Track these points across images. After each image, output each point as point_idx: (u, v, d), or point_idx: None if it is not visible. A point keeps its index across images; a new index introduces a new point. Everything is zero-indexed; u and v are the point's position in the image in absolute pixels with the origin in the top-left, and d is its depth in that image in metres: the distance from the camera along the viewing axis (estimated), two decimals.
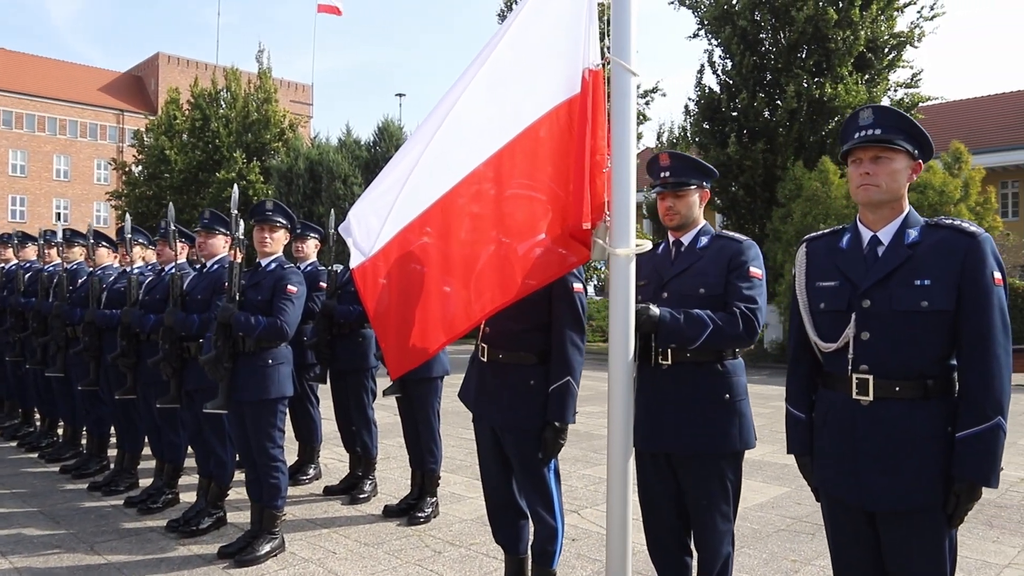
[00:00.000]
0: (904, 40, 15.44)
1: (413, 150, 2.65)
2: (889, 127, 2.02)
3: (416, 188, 2.61)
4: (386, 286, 2.69)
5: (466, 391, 3.09)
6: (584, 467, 5.95)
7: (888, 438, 1.97)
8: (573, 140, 2.42)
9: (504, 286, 2.56)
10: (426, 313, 2.65)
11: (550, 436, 2.78)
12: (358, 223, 2.71)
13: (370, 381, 4.97)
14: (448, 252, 2.63)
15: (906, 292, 1.96)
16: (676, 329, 2.43)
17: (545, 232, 2.61)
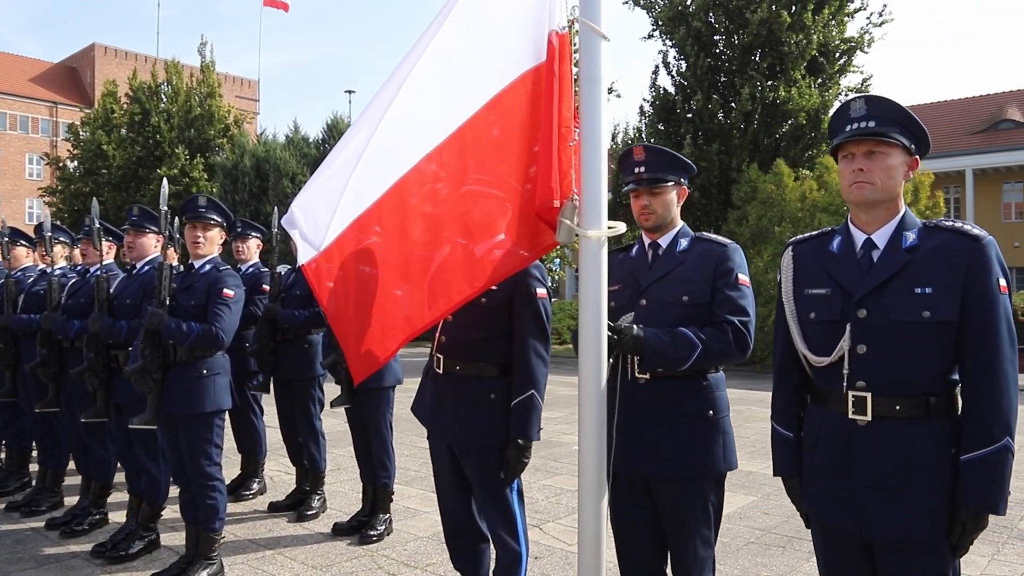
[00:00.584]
0: (854, 45, 15.76)
1: (358, 136, 2.42)
2: (884, 119, 1.85)
3: (363, 180, 2.38)
4: (339, 286, 2.45)
5: (420, 405, 2.86)
6: (544, 477, 5.76)
7: (888, 461, 1.80)
8: (540, 112, 2.22)
9: (464, 286, 2.36)
10: (381, 317, 2.44)
11: (513, 454, 2.57)
12: (304, 214, 2.45)
13: (317, 390, 4.69)
14: (399, 253, 2.42)
15: (905, 301, 1.80)
16: (662, 351, 2.22)
17: (504, 232, 2.42)
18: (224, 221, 3.72)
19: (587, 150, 2.01)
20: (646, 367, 2.25)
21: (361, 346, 2.43)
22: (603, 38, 2.05)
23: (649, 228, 2.46)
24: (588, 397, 2.04)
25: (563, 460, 6.28)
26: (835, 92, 15.67)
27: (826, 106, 15.39)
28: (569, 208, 2.08)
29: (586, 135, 2.02)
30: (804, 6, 14.91)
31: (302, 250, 2.45)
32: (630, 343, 2.18)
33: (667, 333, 2.24)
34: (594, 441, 2.04)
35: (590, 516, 2.04)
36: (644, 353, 2.21)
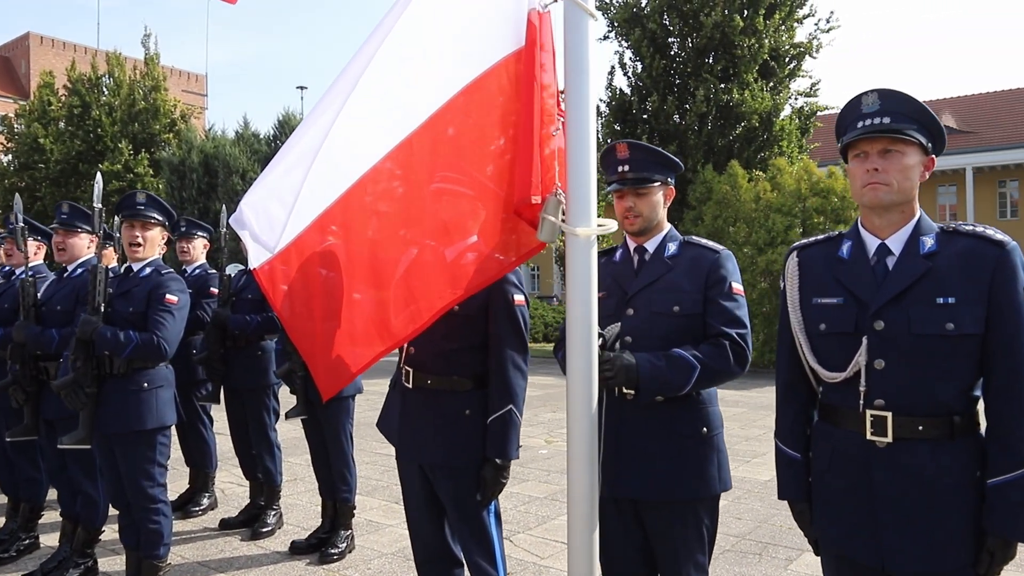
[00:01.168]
0: (803, 51, 15.99)
1: (313, 129, 2.17)
2: (899, 114, 1.70)
3: (322, 176, 2.14)
4: (298, 291, 2.21)
5: (387, 422, 2.61)
6: (511, 484, 5.52)
7: (911, 486, 1.66)
8: (520, 100, 2.00)
9: (434, 295, 2.13)
10: (350, 326, 2.21)
11: (490, 474, 2.35)
12: (255, 213, 2.18)
13: (271, 399, 4.38)
14: (362, 255, 2.19)
15: (927, 312, 1.66)
16: (659, 378, 2.04)
17: (477, 234, 2.20)
18: (166, 220, 3.38)
19: (574, 139, 1.81)
20: (643, 398, 2.07)
21: (328, 356, 2.19)
22: (590, 16, 1.85)
23: (635, 232, 2.27)
24: (578, 414, 1.83)
25: (530, 465, 6.08)
26: (785, 96, 15.88)
27: (777, 109, 15.59)
28: (552, 204, 1.87)
29: (573, 123, 1.81)
30: (756, 11, 15.04)
31: (253, 252, 2.19)
32: (622, 375, 1.99)
33: (661, 357, 2.06)
34: (585, 466, 1.82)
35: (582, 548, 1.83)
36: (639, 384, 2.02)
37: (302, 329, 2.24)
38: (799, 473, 1.88)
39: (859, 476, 1.72)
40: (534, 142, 1.89)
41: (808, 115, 16.17)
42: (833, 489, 1.78)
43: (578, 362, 1.83)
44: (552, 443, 7.01)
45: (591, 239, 1.82)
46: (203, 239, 4.73)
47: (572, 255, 1.84)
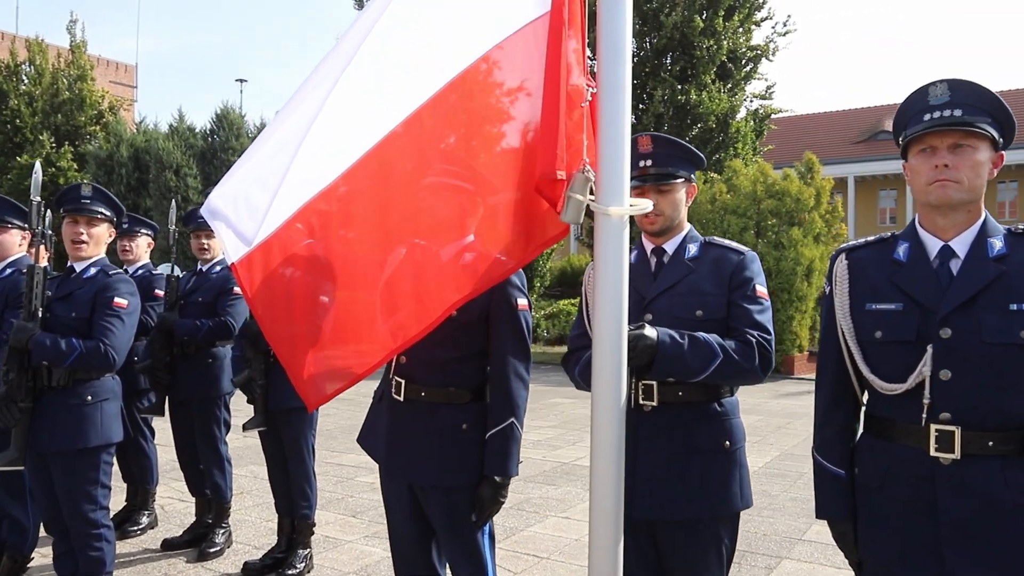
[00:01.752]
0: (760, 53, 16.38)
1: (300, 111, 2.02)
2: (971, 107, 1.62)
3: (308, 163, 1.98)
4: (278, 289, 2.04)
5: (371, 438, 2.45)
6: None
7: (980, 507, 1.57)
8: (543, 70, 1.84)
9: (430, 300, 1.99)
10: (332, 333, 2.05)
11: (488, 493, 2.22)
12: (233, 202, 2.01)
13: (222, 410, 4.16)
14: (342, 255, 2.04)
15: (999, 319, 1.58)
16: (678, 357, 1.93)
17: (474, 233, 2.08)
18: (113, 215, 3.15)
19: (607, 110, 1.66)
20: (656, 373, 1.96)
21: (311, 364, 2.04)
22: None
23: (655, 232, 2.17)
24: (604, 424, 1.66)
25: None
26: (741, 97, 16.25)
27: (733, 111, 15.91)
28: (580, 181, 1.70)
29: (606, 90, 1.66)
30: (716, 12, 15.33)
31: (230, 244, 2.01)
32: (641, 349, 1.88)
33: (684, 335, 1.96)
34: (612, 484, 1.66)
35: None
36: (656, 359, 1.92)
37: (281, 333, 2.07)
38: (843, 491, 1.80)
39: (920, 496, 1.63)
40: (560, 113, 1.74)
41: (763, 117, 16.58)
42: (888, 510, 1.69)
43: (606, 369, 1.65)
44: None
45: (624, 220, 1.67)
46: (147, 237, 4.47)
47: (602, 239, 1.67)
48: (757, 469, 6.18)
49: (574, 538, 4.39)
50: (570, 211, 1.73)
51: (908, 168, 1.75)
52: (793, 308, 13.67)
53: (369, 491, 5.33)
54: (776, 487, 5.65)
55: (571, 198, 1.71)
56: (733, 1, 15.58)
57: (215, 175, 20.73)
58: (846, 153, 31.53)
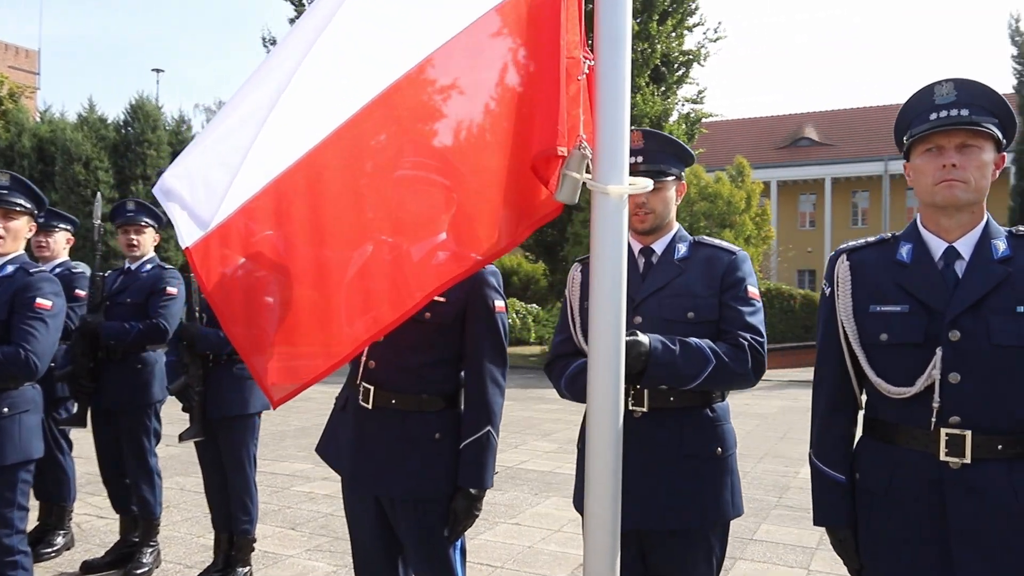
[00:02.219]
0: (692, 58, 16.79)
1: (264, 86, 1.87)
2: (977, 107, 1.62)
3: (271, 143, 1.84)
4: (236, 279, 1.90)
5: (332, 448, 2.31)
6: None
7: (989, 512, 1.57)
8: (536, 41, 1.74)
9: (398, 297, 1.87)
10: (295, 328, 1.92)
11: (462, 506, 2.12)
12: (189, 182, 1.85)
13: (153, 420, 3.88)
14: (305, 249, 1.90)
15: (1007, 322, 1.58)
16: (670, 364, 1.88)
17: (446, 231, 1.98)
18: (34, 207, 2.87)
19: (606, 84, 1.57)
20: (648, 382, 1.90)
21: (275, 359, 1.91)
22: None
23: (645, 231, 2.11)
24: (600, 430, 1.57)
25: None
26: (674, 101, 16.62)
27: (667, 114, 16.24)
28: (576, 158, 1.61)
29: (605, 64, 1.56)
30: (650, 16, 15.61)
31: (184, 227, 1.85)
32: (635, 358, 1.82)
33: (676, 342, 1.91)
34: (608, 496, 1.57)
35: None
36: (648, 366, 1.85)
37: (240, 326, 1.92)
38: (844, 497, 1.77)
39: (928, 502, 1.62)
40: (561, 85, 1.63)
41: (694, 121, 16.99)
42: (894, 515, 1.67)
43: (602, 367, 1.56)
44: None
45: (623, 199, 1.58)
46: (65, 232, 4.14)
47: (600, 220, 1.58)
48: None
49: (526, 545, 4.32)
50: (565, 190, 1.62)
51: (911, 168, 1.73)
52: None
53: (307, 501, 5.12)
54: None
55: (567, 176, 1.61)
56: (667, 6, 15.92)
57: (129, 169, 19.73)
58: (771, 158, 32.78)
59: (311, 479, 5.76)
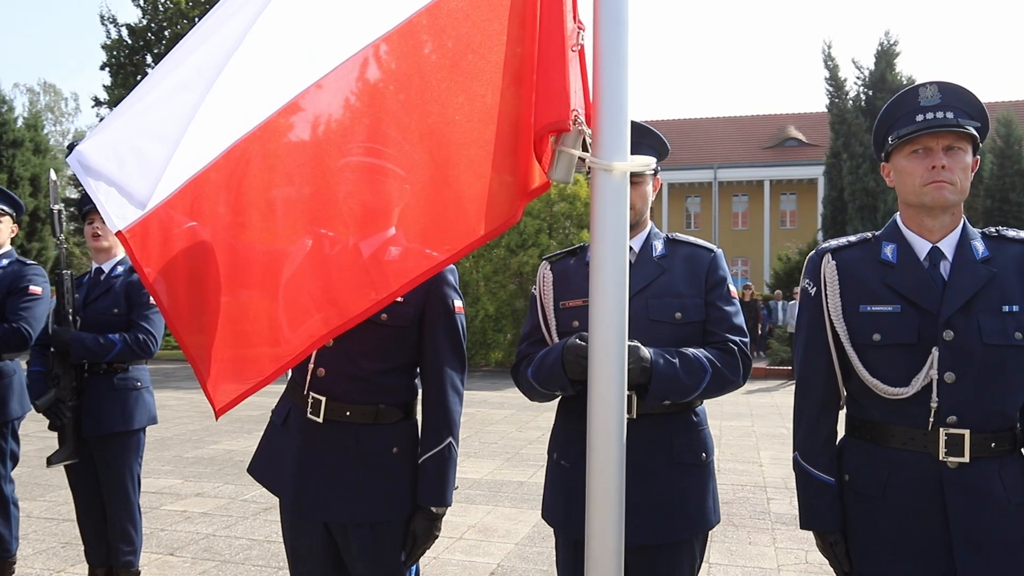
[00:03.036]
0: None
1: (207, 44, 1.66)
2: (960, 110, 1.67)
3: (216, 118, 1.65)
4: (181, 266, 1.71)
5: (270, 469, 2.09)
6: None
7: (985, 509, 1.61)
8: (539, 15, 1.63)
9: (344, 303, 1.72)
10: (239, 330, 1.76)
11: (423, 527, 1.99)
12: (116, 155, 1.62)
13: (9, 440, 3.36)
14: (234, 243, 1.75)
15: (995, 321, 1.63)
16: (672, 378, 1.83)
17: (396, 225, 1.88)
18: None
19: (607, 55, 1.50)
20: (652, 400, 1.85)
21: (223, 359, 1.75)
22: None
23: None
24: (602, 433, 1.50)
25: None
26: None
27: None
28: (572, 134, 1.53)
29: (607, 35, 1.50)
30: None
31: (114, 208, 1.62)
32: (637, 371, 1.77)
33: (675, 354, 1.87)
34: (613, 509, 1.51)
35: None
36: (651, 382, 1.81)
37: (188, 321, 1.72)
38: (835, 500, 1.77)
39: (928, 502, 1.64)
40: (566, 55, 1.53)
41: None
42: (893, 518, 1.68)
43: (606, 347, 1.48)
44: None
45: (626, 177, 1.49)
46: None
47: (602, 200, 1.48)
48: None
49: (431, 556, 4.21)
50: (560, 168, 1.56)
51: (895, 168, 1.76)
52: None
53: (182, 521, 4.67)
54: None
55: (562, 153, 1.54)
56: None
57: None
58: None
59: (182, 496, 5.27)
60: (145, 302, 3.15)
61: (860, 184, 21.13)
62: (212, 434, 7.70)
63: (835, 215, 22.24)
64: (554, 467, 2.06)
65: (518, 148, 1.64)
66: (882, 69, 21.60)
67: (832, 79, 22.54)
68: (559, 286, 2.06)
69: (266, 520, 4.72)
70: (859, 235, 1.87)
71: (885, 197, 20.50)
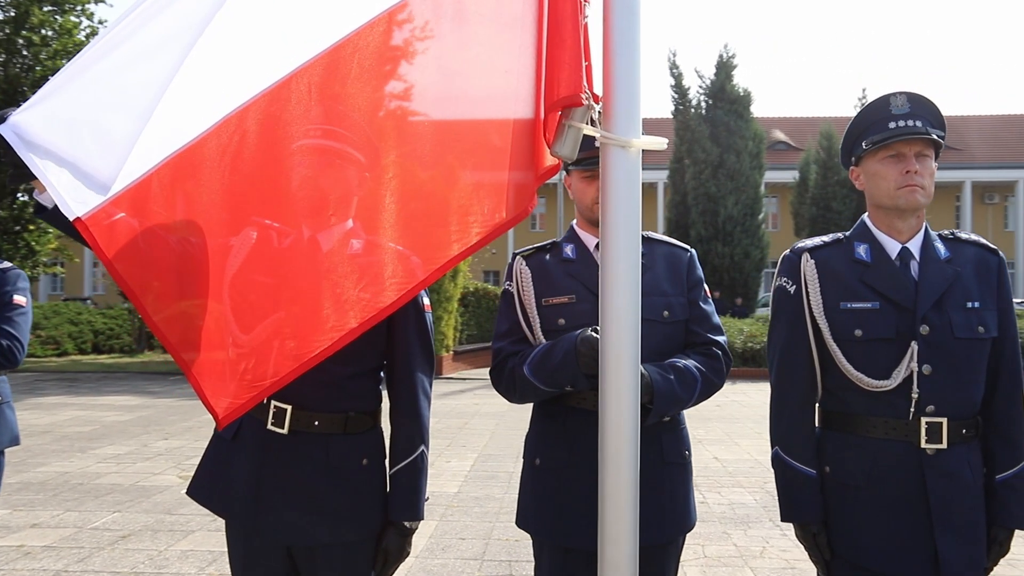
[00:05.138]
0: None
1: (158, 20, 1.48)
2: (926, 119, 1.80)
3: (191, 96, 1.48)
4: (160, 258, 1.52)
5: (217, 489, 1.88)
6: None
7: (957, 492, 1.76)
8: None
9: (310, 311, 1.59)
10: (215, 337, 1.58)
11: (396, 544, 1.87)
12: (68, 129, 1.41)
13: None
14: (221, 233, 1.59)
15: (963, 316, 1.78)
16: (671, 394, 1.84)
17: (353, 218, 1.76)
18: None
19: (620, 27, 1.46)
20: (653, 418, 1.83)
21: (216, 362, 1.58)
22: None
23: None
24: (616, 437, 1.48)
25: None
26: None
27: None
28: (581, 111, 1.48)
29: (619, 10, 1.46)
30: None
31: (68, 190, 1.40)
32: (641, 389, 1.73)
33: (669, 369, 1.88)
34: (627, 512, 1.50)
35: None
36: (654, 400, 1.80)
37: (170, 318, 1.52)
38: (817, 492, 1.85)
39: (910, 487, 1.75)
40: (580, 27, 1.48)
41: None
42: (875, 505, 1.78)
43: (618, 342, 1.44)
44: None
45: (639, 155, 1.46)
46: None
47: (614, 179, 1.44)
48: (461, 471, 6.38)
49: None
50: (567, 144, 1.51)
51: (866, 172, 1.88)
52: (441, 308, 14.43)
53: (21, 558, 4.08)
54: (477, 490, 5.82)
55: (570, 128, 1.49)
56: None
57: None
58: None
59: (14, 528, 4.60)
60: (9, 301, 2.73)
61: (703, 189, 22.72)
62: (35, 455, 6.84)
63: (679, 219, 23.76)
64: (535, 472, 2.00)
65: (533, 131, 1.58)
66: (722, 79, 23.33)
67: (677, 87, 24.00)
68: (539, 283, 2.01)
69: (127, 549, 4.25)
70: (831, 235, 1.98)
71: (725, 202, 22.20)
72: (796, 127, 31.80)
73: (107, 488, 5.68)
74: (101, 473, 6.19)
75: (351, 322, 1.58)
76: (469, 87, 1.66)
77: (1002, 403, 1.84)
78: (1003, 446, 1.83)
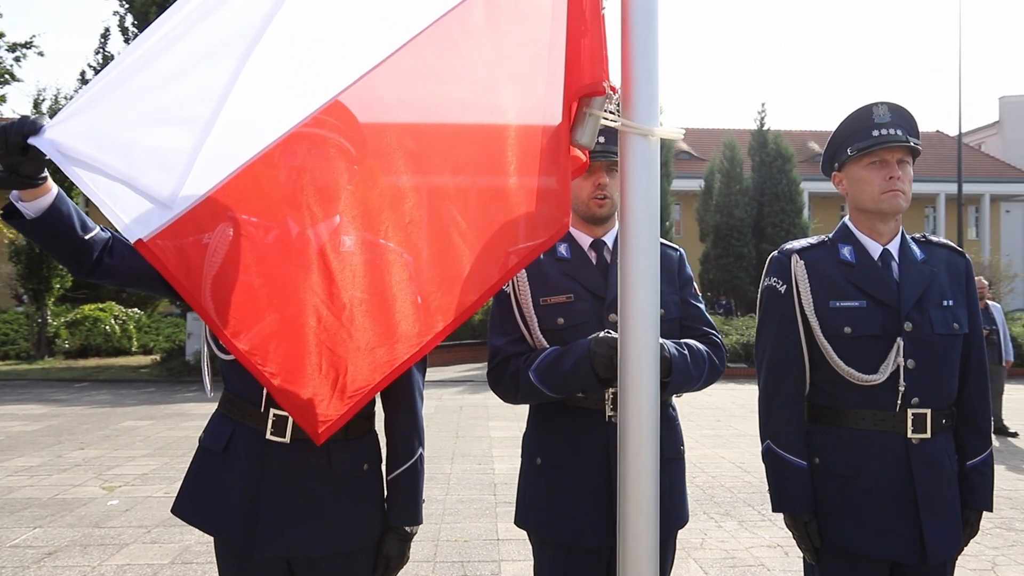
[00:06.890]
0: None
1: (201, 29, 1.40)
2: (905, 128, 1.91)
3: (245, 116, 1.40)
4: (240, 275, 1.44)
5: (209, 504, 1.78)
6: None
7: (938, 478, 1.88)
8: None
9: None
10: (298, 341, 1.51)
11: (395, 549, 1.83)
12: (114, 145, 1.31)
13: None
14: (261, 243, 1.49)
15: (941, 314, 1.91)
16: (686, 370, 1.85)
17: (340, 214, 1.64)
18: None
19: (639, 14, 1.45)
20: (667, 394, 1.85)
21: (309, 378, 1.51)
22: None
23: (603, 217, 2.01)
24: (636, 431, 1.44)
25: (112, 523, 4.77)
26: None
27: None
28: (600, 99, 1.48)
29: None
30: None
31: (126, 211, 1.31)
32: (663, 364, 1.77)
33: (683, 345, 1.90)
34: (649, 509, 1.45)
35: None
36: (672, 374, 1.80)
37: (255, 338, 1.43)
38: (808, 483, 1.93)
39: (899, 475, 1.86)
40: (600, 14, 1.47)
41: None
42: (868, 494, 1.87)
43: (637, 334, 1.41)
44: (115, 489, 5.63)
45: (658, 144, 1.45)
46: None
47: (634, 168, 1.42)
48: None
49: None
50: (587, 132, 1.51)
51: (849, 177, 1.98)
52: None
53: None
54: (437, 490, 5.77)
55: (590, 116, 1.49)
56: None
57: None
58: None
59: None
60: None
61: None
62: None
63: None
64: (537, 472, 2.00)
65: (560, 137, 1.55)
66: None
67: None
68: (535, 282, 2.00)
69: (55, 567, 3.97)
70: (816, 237, 2.07)
71: None
72: (698, 138, 32.87)
73: (23, 503, 5.29)
74: (14, 487, 5.76)
75: (437, 325, 1.56)
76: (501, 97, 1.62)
77: (972, 394, 1.98)
78: (973, 434, 1.98)
